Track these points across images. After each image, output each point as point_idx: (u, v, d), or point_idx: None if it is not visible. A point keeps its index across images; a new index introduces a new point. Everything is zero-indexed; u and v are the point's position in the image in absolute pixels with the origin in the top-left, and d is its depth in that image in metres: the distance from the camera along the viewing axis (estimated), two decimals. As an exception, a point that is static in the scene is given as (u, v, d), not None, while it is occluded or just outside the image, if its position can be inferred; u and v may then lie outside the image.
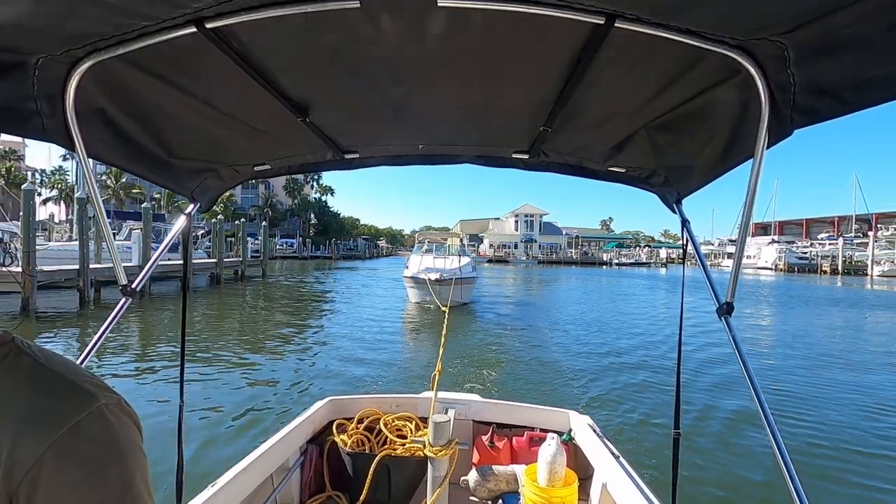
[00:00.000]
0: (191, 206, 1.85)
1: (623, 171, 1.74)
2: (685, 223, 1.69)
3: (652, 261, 76.60)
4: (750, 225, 1.22)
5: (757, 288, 30.97)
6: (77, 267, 14.56)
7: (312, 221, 74.36)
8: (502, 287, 28.32)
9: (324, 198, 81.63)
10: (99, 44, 0.96)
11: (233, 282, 25.22)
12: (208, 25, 0.92)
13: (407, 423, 2.54)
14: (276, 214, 67.17)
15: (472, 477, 2.28)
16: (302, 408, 2.69)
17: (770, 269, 57.04)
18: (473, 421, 2.70)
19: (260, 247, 32.86)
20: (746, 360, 1.17)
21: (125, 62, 1.05)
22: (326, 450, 2.44)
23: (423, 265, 16.46)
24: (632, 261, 73.48)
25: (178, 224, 1.84)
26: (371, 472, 2.19)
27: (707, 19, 0.88)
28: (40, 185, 54.22)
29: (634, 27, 0.90)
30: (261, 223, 37.60)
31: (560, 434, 2.32)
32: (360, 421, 2.58)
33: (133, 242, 19.28)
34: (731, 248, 66.65)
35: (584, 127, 1.51)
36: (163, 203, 51.10)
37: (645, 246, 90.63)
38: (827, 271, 53.99)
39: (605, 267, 64.99)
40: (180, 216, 1.84)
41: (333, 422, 2.55)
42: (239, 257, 28.13)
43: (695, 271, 2.05)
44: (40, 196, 54.57)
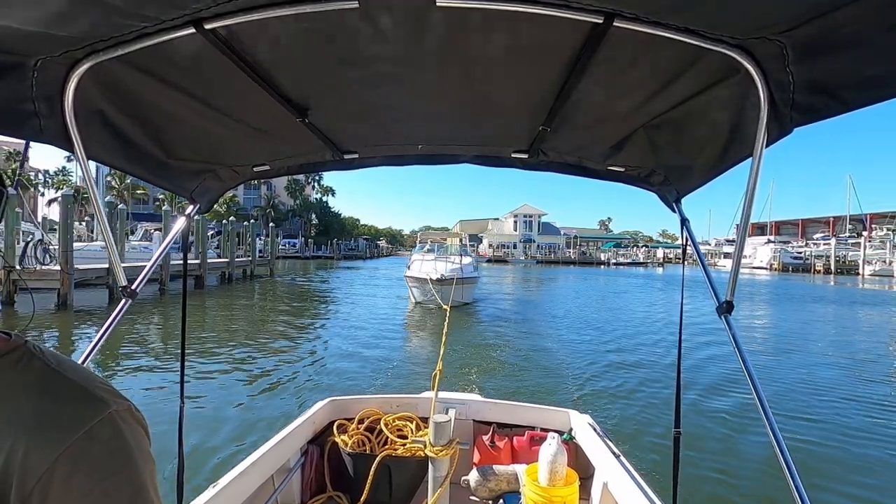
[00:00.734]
0: (190, 206, 1.84)
1: (622, 170, 1.73)
2: (685, 222, 1.69)
3: (649, 260, 76.69)
4: (750, 222, 1.20)
5: (751, 287, 31.21)
6: (107, 266, 15.49)
7: (314, 222, 74.37)
8: (502, 285, 28.83)
9: (325, 198, 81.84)
10: (98, 45, 0.95)
11: (242, 281, 25.99)
12: (207, 26, 0.91)
13: (407, 423, 2.52)
14: (279, 215, 67.18)
15: (473, 477, 2.26)
16: (303, 408, 2.67)
17: (765, 268, 57.10)
18: (474, 421, 2.68)
19: (265, 247, 33.58)
20: (746, 358, 1.16)
21: (124, 63, 1.04)
22: (327, 450, 2.42)
23: (425, 265, 16.37)
24: (629, 260, 73.55)
25: (178, 225, 1.83)
26: (372, 472, 2.17)
27: (706, 18, 0.87)
28: (44, 185, 54.30)
29: (633, 26, 0.89)
30: (266, 223, 37.86)
31: (561, 433, 2.30)
32: (361, 421, 2.56)
33: (154, 243, 20.53)
34: (727, 248, 66.80)
35: (584, 126, 1.50)
36: (167, 203, 51.12)
37: (643, 246, 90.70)
38: (820, 270, 54.24)
39: (602, 267, 65.05)
40: (180, 217, 1.83)
41: (334, 422, 2.53)
42: (247, 257, 29.02)
43: (693, 270, 2.03)
44: (43, 196, 54.67)
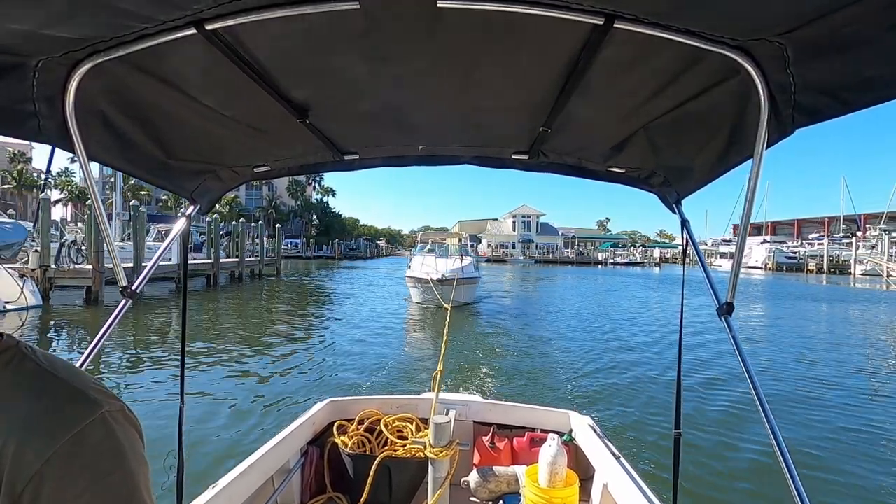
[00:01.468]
0: (191, 207, 1.81)
1: (622, 171, 1.71)
2: (685, 223, 1.66)
3: (645, 260, 76.72)
4: (749, 223, 1.19)
5: (745, 286, 31.38)
6: (132, 265, 16.52)
7: (315, 222, 74.37)
8: (501, 283, 29.68)
9: (325, 199, 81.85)
10: (99, 46, 0.94)
11: (250, 280, 26.94)
12: (208, 27, 0.90)
13: (408, 424, 2.49)
14: (280, 215, 67.14)
15: (473, 478, 2.24)
16: (303, 409, 2.64)
17: (760, 268, 57.15)
18: (474, 422, 2.66)
19: (271, 247, 34.55)
20: (747, 359, 1.15)
21: (125, 64, 1.02)
22: (327, 451, 2.40)
23: (426, 265, 16.27)
24: (626, 260, 73.57)
25: (178, 225, 1.80)
26: (372, 473, 2.15)
27: (706, 20, 0.86)
28: (45, 185, 54.13)
29: (633, 27, 0.88)
30: (269, 224, 38.26)
31: (561, 435, 2.28)
32: (361, 422, 2.53)
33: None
34: (724, 248, 66.86)
35: (584, 127, 1.48)
36: (170, 204, 51.11)
37: (640, 246, 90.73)
38: (813, 270, 54.49)
39: (600, 266, 65.11)
40: (180, 217, 1.81)
41: (334, 423, 2.50)
42: (255, 257, 30.01)
43: (690, 270, 2.00)
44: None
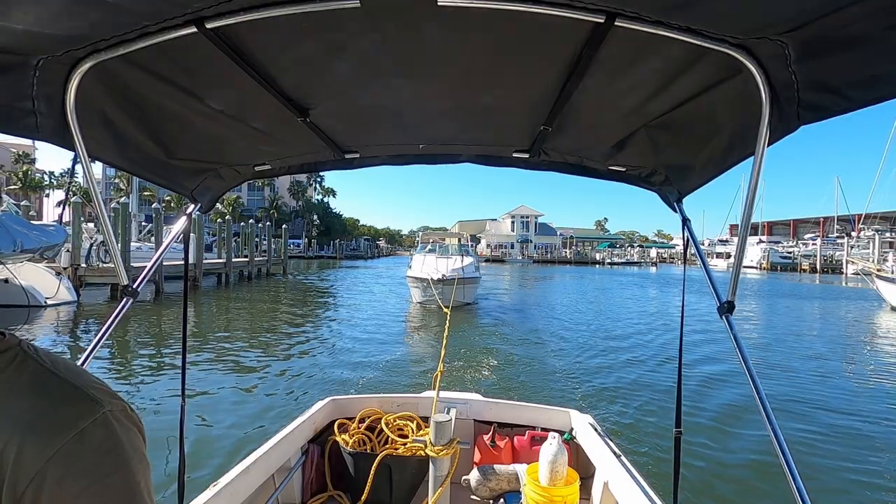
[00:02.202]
0: (191, 206, 1.80)
1: (623, 169, 1.70)
2: (686, 222, 1.65)
3: (642, 260, 76.79)
4: (750, 221, 1.18)
5: (740, 284, 31.60)
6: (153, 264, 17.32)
7: (316, 222, 74.36)
8: (500, 281, 30.41)
9: (326, 199, 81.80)
10: (99, 44, 0.93)
11: (258, 279, 27.79)
12: (209, 25, 0.89)
13: (408, 422, 2.47)
14: (282, 216, 67.14)
15: (474, 476, 2.22)
16: (304, 407, 2.62)
17: (755, 267, 57.22)
18: (475, 420, 2.64)
19: (274, 247, 35.55)
20: (747, 358, 1.13)
21: (125, 62, 1.01)
22: (328, 449, 2.38)
23: (427, 265, 16.15)
24: (623, 260, 73.68)
25: (179, 224, 1.80)
26: (372, 471, 2.13)
27: (707, 18, 0.85)
28: (48, 186, 54.25)
29: (635, 26, 0.87)
30: (273, 225, 38.87)
31: (561, 433, 2.27)
32: (362, 420, 2.51)
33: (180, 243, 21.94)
34: (720, 248, 66.95)
35: (585, 126, 1.47)
36: (173, 204, 51.07)
37: (638, 246, 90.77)
38: (807, 269, 54.80)
39: (597, 266, 65.14)
40: (181, 216, 1.79)
41: (335, 421, 2.48)
42: (264, 257, 31.13)
43: (687, 269, 1.98)
44: (48, 197, 54.61)
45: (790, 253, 60.94)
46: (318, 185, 79.31)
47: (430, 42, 1.03)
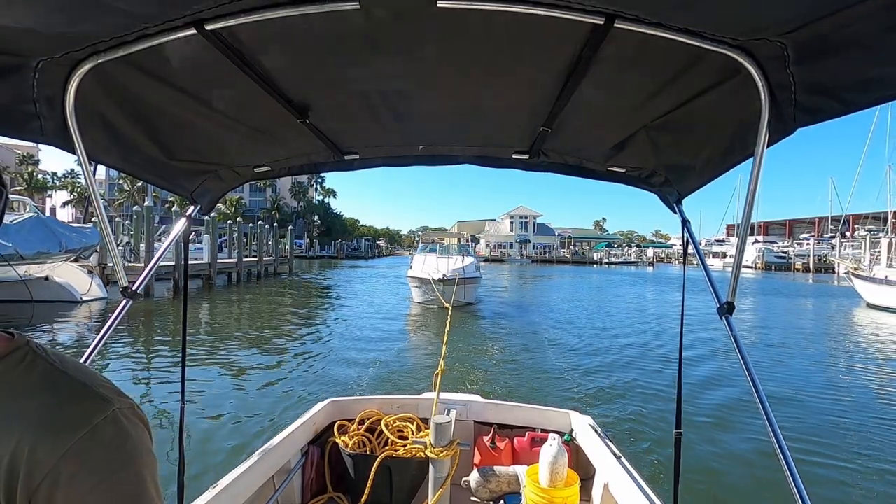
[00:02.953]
0: (191, 207, 1.78)
1: (623, 171, 1.68)
2: (685, 223, 1.63)
3: (639, 260, 76.87)
4: (750, 221, 1.16)
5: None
6: (173, 263, 18.46)
7: (317, 222, 74.36)
8: (500, 280, 31.50)
9: (327, 200, 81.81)
10: (99, 46, 0.92)
11: (266, 278, 28.61)
12: (208, 27, 0.88)
13: (408, 424, 2.45)
14: (283, 216, 67.11)
15: (474, 478, 2.20)
16: (304, 409, 2.60)
17: (750, 267, 57.33)
18: (475, 422, 2.62)
19: (282, 247, 36.87)
20: (747, 358, 1.12)
21: (125, 64, 1.00)
22: (328, 451, 2.35)
23: (427, 265, 16.06)
24: (621, 260, 73.74)
25: (179, 225, 1.78)
26: (372, 473, 2.11)
27: (706, 19, 0.84)
28: (51, 187, 54.29)
29: (634, 27, 0.86)
30: (280, 226, 39.65)
31: (561, 434, 2.24)
32: (362, 422, 2.49)
33: (203, 244, 23.29)
34: (716, 248, 67.00)
35: (584, 127, 1.46)
36: (175, 207, 51.00)
37: (636, 246, 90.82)
38: (800, 269, 55.12)
39: (595, 266, 65.30)
40: (181, 218, 1.78)
41: (335, 423, 2.46)
42: (271, 256, 32.13)
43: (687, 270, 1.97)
44: (49, 197, 54.62)
45: (785, 253, 61.12)
46: (318, 186, 79.32)
47: (429, 43, 1.02)
